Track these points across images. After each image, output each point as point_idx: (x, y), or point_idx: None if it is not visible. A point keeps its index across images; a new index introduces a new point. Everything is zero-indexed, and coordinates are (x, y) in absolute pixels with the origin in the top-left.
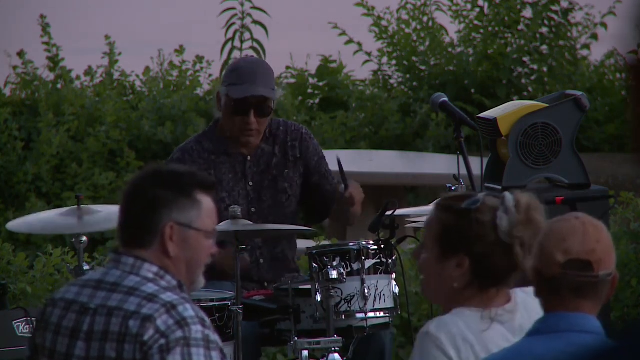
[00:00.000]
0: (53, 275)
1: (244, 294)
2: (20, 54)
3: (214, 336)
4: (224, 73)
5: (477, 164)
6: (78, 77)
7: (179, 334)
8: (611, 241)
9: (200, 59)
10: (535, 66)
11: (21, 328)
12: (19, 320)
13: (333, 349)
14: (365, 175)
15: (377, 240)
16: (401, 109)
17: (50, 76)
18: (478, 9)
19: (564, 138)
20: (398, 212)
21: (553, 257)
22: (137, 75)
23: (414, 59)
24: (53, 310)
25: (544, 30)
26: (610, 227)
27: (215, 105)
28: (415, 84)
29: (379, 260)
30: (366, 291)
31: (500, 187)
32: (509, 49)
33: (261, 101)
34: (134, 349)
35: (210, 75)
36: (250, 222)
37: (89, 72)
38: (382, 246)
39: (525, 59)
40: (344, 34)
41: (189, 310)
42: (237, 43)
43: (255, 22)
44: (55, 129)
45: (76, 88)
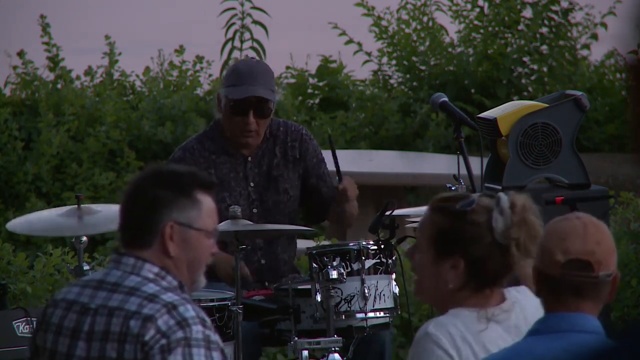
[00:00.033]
0: (53, 275)
1: (244, 294)
2: (20, 54)
3: (214, 336)
4: (224, 75)
5: (477, 164)
6: (78, 77)
7: (180, 334)
8: (612, 242)
9: (200, 59)
10: (535, 66)
11: (21, 328)
12: (19, 320)
13: (333, 349)
14: (365, 175)
15: (377, 240)
16: (401, 109)
17: (50, 76)
18: (478, 9)
19: (564, 138)
20: (398, 212)
21: (553, 257)
22: (137, 75)
23: (414, 59)
24: (54, 310)
25: (544, 30)
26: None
27: (215, 106)
28: (415, 84)
29: (379, 260)
30: (366, 291)
31: (500, 187)
32: (509, 49)
33: (260, 102)
34: (135, 349)
35: (210, 75)
36: (251, 222)
37: (89, 72)
38: (382, 246)
39: (525, 59)
40: (344, 34)
41: (189, 311)
42: (237, 43)
43: (255, 22)
44: (55, 129)
45: (76, 88)
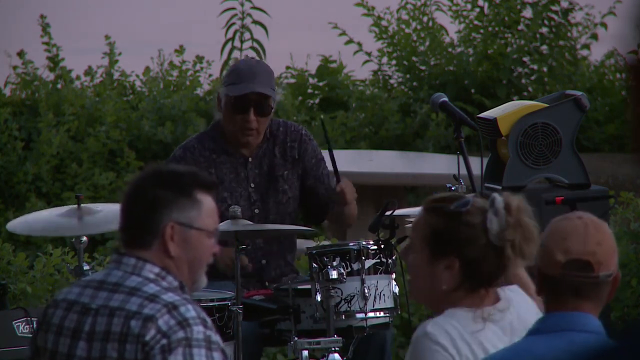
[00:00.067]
0: (53, 275)
1: (244, 294)
2: (20, 54)
3: (215, 337)
4: (224, 74)
5: (477, 164)
6: (78, 77)
7: (181, 334)
8: (614, 242)
9: (200, 59)
10: (535, 66)
11: (21, 328)
12: (19, 320)
13: (333, 349)
14: (365, 175)
15: (377, 240)
16: (401, 109)
17: (50, 76)
18: (478, 9)
19: (564, 138)
20: (398, 212)
21: (554, 257)
22: (137, 75)
23: (414, 59)
24: (55, 311)
25: (544, 30)
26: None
27: (215, 106)
28: (415, 84)
29: (379, 260)
30: (366, 291)
31: (500, 187)
32: (509, 49)
33: (261, 99)
34: (136, 349)
35: (210, 75)
36: (251, 222)
37: (89, 72)
38: (382, 246)
39: (525, 59)
40: (344, 34)
41: (190, 311)
42: (237, 43)
43: (255, 22)
44: (55, 129)
45: (76, 88)
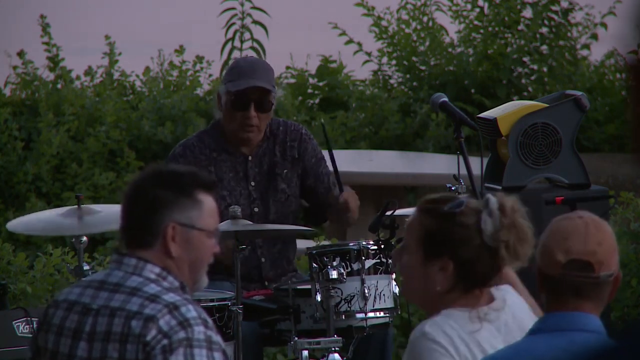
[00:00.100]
0: (53, 275)
1: (243, 294)
2: (20, 54)
3: (216, 337)
4: (224, 72)
5: (477, 164)
6: (78, 77)
7: (182, 334)
8: (614, 241)
9: (200, 59)
10: (535, 66)
11: (21, 328)
12: (19, 320)
13: (333, 349)
14: (365, 175)
15: (377, 240)
16: (401, 109)
17: (50, 76)
18: (478, 9)
19: (564, 138)
20: (398, 212)
21: (554, 257)
22: (137, 75)
23: (414, 59)
24: (55, 311)
25: (544, 30)
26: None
27: (215, 105)
28: (415, 84)
29: (379, 260)
30: (366, 291)
31: (500, 187)
32: (509, 49)
33: (261, 95)
34: (137, 349)
35: (210, 75)
36: (251, 222)
37: (89, 72)
38: (382, 246)
39: (525, 59)
40: (344, 34)
41: (191, 311)
42: (237, 43)
43: (255, 22)
44: (55, 129)
45: (76, 88)
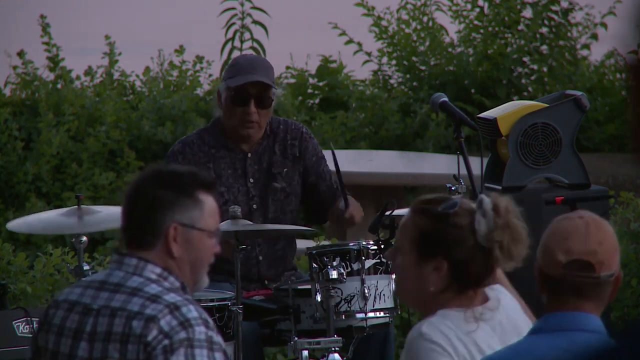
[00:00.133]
0: (53, 275)
1: (243, 294)
2: (20, 54)
3: (217, 337)
4: (224, 70)
5: (477, 164)
6: (78, 77)
7: (183, 335)
8: (616, 241)
9: (200, 59)
10: (535, 66)
11: (21, 328)
12: (19, 320)
13: (333, 349)
14: (365, 175)
15: (377, 240)
16: (401, 109)
17: (50, 76)
18: (478, 9)
19: (564, 138)
20: (398, 212)
21: (555, 257)
22: (137, 75)
23: (414, 59)
24: (56, 311)
25: (544, 30)
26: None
27: (215, 103)
28: (415, 84)
29: (379, 260)
30: (366, 291)
31: (500, 187)
32: (509, 49)
33: (261, 90)
34: (138, 349)
35: (210, 75)
36: (250, 222)
37: (89, 72)
38: (382, 246)
39: (525, 59)
40: (344, 34)
41: (192, 312)
42: (237, 43)
43: (255, 22)
44: (55, 129)
45: (76, 88)
